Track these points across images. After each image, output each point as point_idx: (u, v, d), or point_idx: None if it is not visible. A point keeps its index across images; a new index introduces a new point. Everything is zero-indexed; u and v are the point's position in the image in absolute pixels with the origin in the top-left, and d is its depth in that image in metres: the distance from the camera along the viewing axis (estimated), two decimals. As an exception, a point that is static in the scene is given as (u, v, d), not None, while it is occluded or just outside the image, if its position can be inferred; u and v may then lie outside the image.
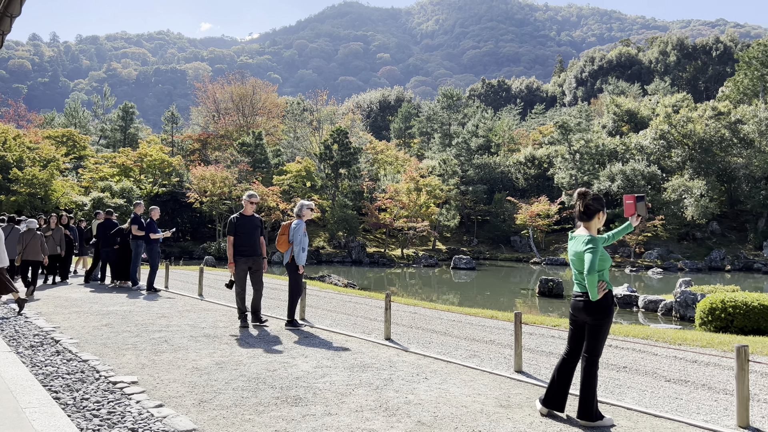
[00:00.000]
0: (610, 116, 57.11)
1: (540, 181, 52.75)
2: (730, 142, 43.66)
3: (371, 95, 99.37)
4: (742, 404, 4.48)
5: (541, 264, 40.41)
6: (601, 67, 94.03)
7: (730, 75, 66.31)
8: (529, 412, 4.77)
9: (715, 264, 37.29)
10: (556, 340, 7.98)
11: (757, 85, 54.64)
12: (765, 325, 9.01)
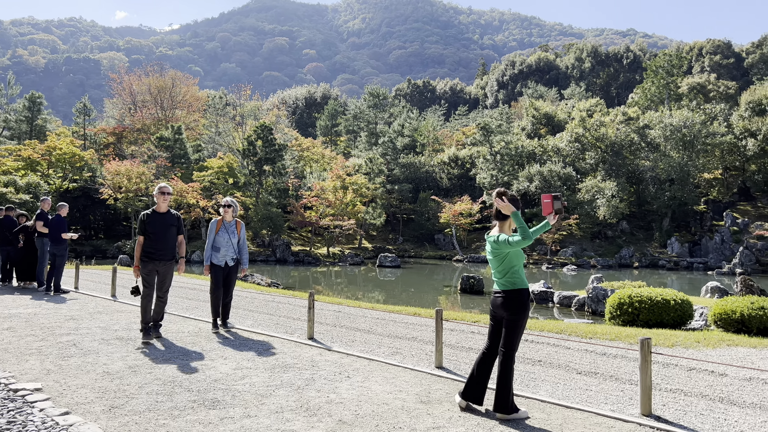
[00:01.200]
0: (529, 119, 59.23)
1: (463, 181, 53.98)
2: (639, 146, 46.32)
3: (297, 91, 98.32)
4: (645, 394, 4.75)
5: (464, 261, 41.38)
6: (521, 71, 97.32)
7: (639, 82, 70.32)
8: (448, 407, 4.86)
9: (625, 261, 39.47)
10: (475, 336, 8.18)
11: (662, 93, 58.30)
12: (667, 318, 9.62)
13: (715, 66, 78.49)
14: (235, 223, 8.26)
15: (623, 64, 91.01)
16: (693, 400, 5.21)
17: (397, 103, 78.07)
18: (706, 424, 4.58)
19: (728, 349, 7.40)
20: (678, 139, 44.14)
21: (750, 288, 14.56)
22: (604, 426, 4.50)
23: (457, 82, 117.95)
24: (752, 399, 5.24)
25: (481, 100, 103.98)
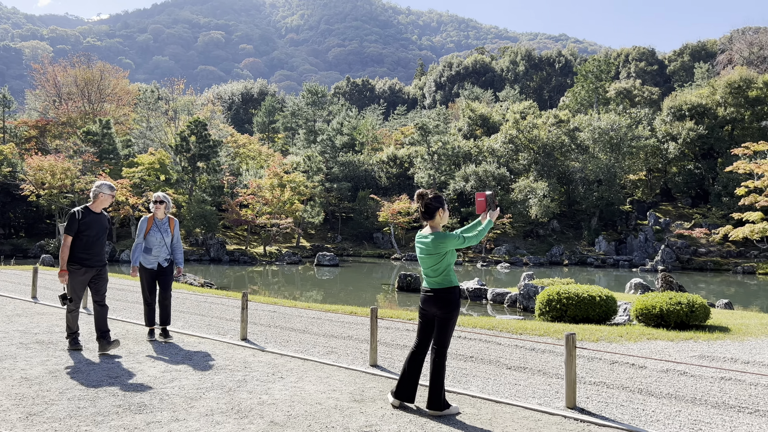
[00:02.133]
0: (465, 120, 60.34)
1: (401, 180, 54.42)
2: (569, 148, 48.03)
3: (233, 87, 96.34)
4: (570, 387, 4.94)
5: (402, 260, 41.74)
6: (458, 72, 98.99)
7: (570, 86, 72.93)
8: (381, 405, 4.89)
9: (555, 259, 40.86)
10: (410, 333, 8.27)
11: (592, 97, 60.67)
12: (593, 314, 10.04)
13: (640, 72, 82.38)
14: (167, 221, 7.50)
15: (555, 68, 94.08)
16: (615, 392, 5.45)
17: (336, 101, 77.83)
18: (625, 415, 4.81)
19: (648, 342, 7.79)
20: (606, 142, 46.05)
21: (669, 284, 15.36)
22: (531, 419, 4.64)
23: (396, 81, 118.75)
24: (668, 390, 5.54)
25: (420, 101, 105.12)
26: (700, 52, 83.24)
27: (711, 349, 7.41)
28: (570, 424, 4.57)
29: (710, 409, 5.00)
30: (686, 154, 47.56)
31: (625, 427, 4.51)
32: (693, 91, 53.74)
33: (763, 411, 4.94)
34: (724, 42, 79.09)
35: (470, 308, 16.63)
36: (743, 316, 11.29)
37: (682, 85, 72.01)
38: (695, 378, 5.96)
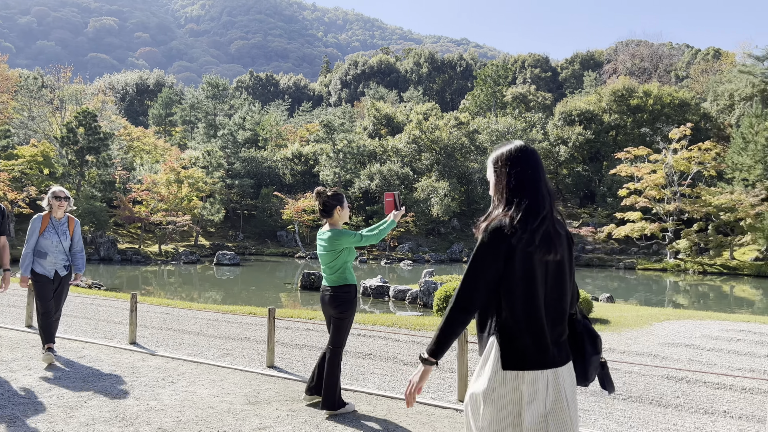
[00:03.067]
0: (370, 119, 60.82)
1: (306, 177, 53.95)
2: (469, 149, 49.71)
3: (127, 76, 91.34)
4: (462, 381, 5.10)
5: (306, 258, 41.41)
6: (363, 71, 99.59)
7: (471, 89, 75.46)
8: (277, 406, 4.82)
9: (455, 256, 42.15)
10: (310, 333, 8.21)
11: (490, 101, 63.09)
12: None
13: (535, 78, 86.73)
14: (67, 221, 6.31)
15: (457, 72, 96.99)
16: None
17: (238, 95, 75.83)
18: (513, 405, 5.03)
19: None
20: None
21: (558, 279, 16.30)
22: (424, 414, 4.75)
23: (301, 77, 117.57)
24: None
25: (325, 98, 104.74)
26: (589, 61, 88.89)
27: (592, 340, 7.92)
28: (461, 416, 4.72)
29: (589, 396, 5.34)
30: (575, 157, 50.61)
31: (512, 417, 4.72)
32: (582, 98, 57.30)
33: (636, 397, 5.35)
34: (610, 53, 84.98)
35: (373, 305, 16.79)
36: (622, 309, 12.18)
37: (572, 92, 76.57)
38: (577, 368, 6.34)
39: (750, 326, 9.58)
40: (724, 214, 34.05)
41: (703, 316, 10.99)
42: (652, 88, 50.03)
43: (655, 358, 6.87)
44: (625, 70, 72.56)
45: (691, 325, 9.62)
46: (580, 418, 4.73)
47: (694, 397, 5.35)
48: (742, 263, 32.75)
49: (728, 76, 56.14)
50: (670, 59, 77.01)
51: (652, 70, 73.67)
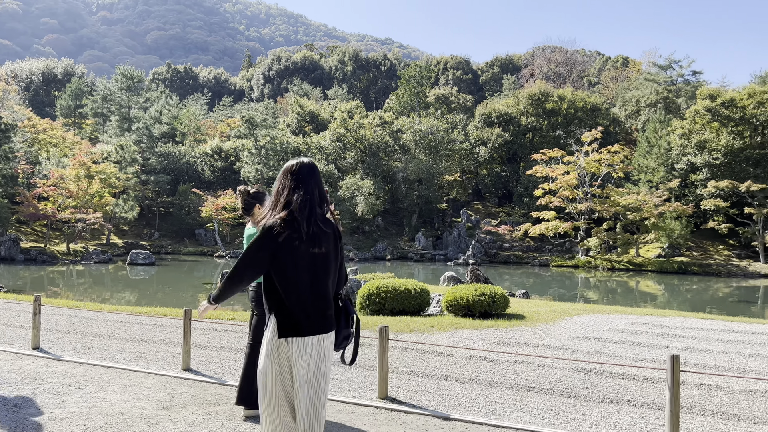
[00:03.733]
0: (294, 116, 60.10)
1: (227, 174, 52.59)
2: (393, 148, 50.13)
3: (32, 64, 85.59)
4: (383, 378, 5.13)
5: (226, 257, 40.40)
6: (287, 67, 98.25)
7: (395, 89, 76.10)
8: (192, 410, 4.66)
9: (379, 254, 42.43)
10: (229, 334, 8.01)
11: (414, 101, 63.91)
12: (409, 306, 10.58)
13: (457, 80, 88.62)
14: None
15: (381, 71, 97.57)
16: (424, 380, 5.78)
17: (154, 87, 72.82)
18: (432, 401, 5.12)
19: (456, 331, 8.39)
20: (425, 144, 48.83)
21: (477, 276, 16.71)
22: (345, 412, 4.74)
23: (221, 71, 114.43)
24: (471, 375, 6.01)
25: (247, 93, 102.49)
26: (508, 65, 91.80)
27: (508, 335, 8.20)
28: (381, 414, 4.75)
29: (504, 390, 5.52)
30: (495, 158, 52.16)
31: (430, 412, 4.80)
32: (501, 101, 59.10)
33: (548, 389, 5.58)
34: (528, 57, 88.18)
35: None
36: (537, 305, 12.67)
37: (492, 95, 78.83)
38: (494, 362, 6.54)
39: (652, 319, 10.21)
40: (631, 213, 36.15)
41: (610, 310, 11.61)
42: (566, 92, 52.32)
43: (566, 351, 7.19)
44: (542, 75, 75.56)
45: (600, 319, 10.14)
46: (496, 412, 4.87)
47: (601, 387, 5.64)
48: (647, 260, 34.90)
49: (635, 83, 59.64)
50: (583, 65, 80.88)
51: (566, 76, 77.09)
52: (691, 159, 37.77)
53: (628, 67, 75.44)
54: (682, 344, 7.84)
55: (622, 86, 61.89)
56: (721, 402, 5.25)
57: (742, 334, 8.82)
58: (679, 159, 38.57)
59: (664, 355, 7.07)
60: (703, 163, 36.95)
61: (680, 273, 32.86)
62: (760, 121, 36.43)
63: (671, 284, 28.09)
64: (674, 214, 34.75)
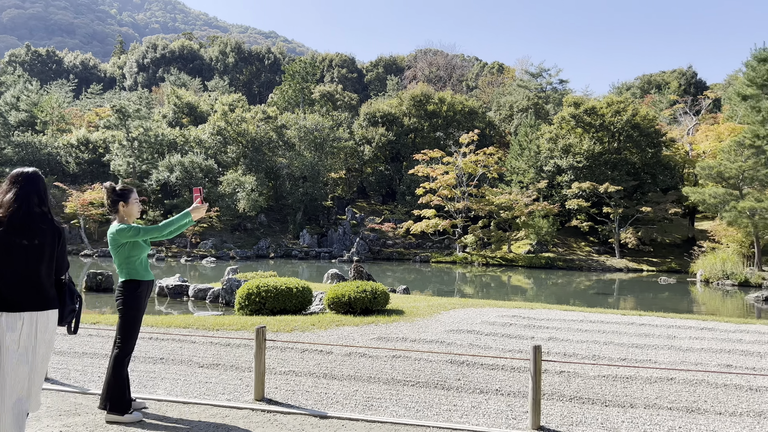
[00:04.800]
0: (171, 107, 57.29)
1: (95, 167, 49.04)
2: (277, 144, 49.32)
3: None
4: (259, 379, 5.02)
5: (93, 256, 37.69)
6: (164, 56, 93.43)
7: (279, 84, 74.90)
8: (48, 423, 4.30)
9: (262, 252, 41.58)
10: (93, 339, 7.47)
11: (298, 96, 63.29)
12: (290, 305, 10.45)
13: (342, 78, 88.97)
14: None
15: (265, 65, 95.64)
16: (303, 379, 5.74)
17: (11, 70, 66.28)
18: (310, 400, 5.09)
19: (337, 329, 8.42)
20: (310, 141, 48.56)
21: (360, 273, 16.87)
22: (219, 416, 4.59)
23: (90, 56, 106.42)
24: (349, 372, 6.05)
25: (119, 81, 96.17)
26: (391, 65, 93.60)
27: (388, 330, 8.36)
28: (257, 416, 4.65)
29: (382, 385, 5.61)
30: (379, 156, 53.00)
31: (307, 411, 4.77)
32: (385, 101, 60.15)
33: (423, 382, 5.75)
34: (411, 59, 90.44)
35: (170, 306, 15.84)
36: (416, 300, 13.03)
37: (377, 94, 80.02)
38: (372, 358, 6.63)
39: (521, 312, 10.86)
40: (504, 212, 38.27)
41: (483, 304, 12.20)
42: (446, 95, 54.29)
43: (441, 344, 7.46)
44: (424, 77, 77.85)
45: (474, 312, 10.63)
46: (373, 407, 4.94)
47: (472, 378, 5.91)
48: (518, 256, 37.12)
49: (509, 89, 63.19)
50: (462, 70, 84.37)
51: (446, 79, 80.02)
52: (557, 162, 40.63)
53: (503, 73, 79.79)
54: (546, 335, 8.41)
55: (498, 91, 65.32)
56: (578, 387, 5.69)
57: (598, 324, 9.63)
58: (547, 162, 41.36)
59: (529, 346, 7.54)
60: (568, 165, 39.90)
61: (547, 268, 35.30)
62: (617, 128, 39.98)
63: (539, 278, 30.09)
64: (542, 212, 37.26)
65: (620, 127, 39.78)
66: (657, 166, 39.43)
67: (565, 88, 63.68)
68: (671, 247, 37.67)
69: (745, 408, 5.18)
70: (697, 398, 5.43)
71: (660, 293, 23.23)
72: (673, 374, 6.18)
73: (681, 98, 53.36)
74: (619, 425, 4.68)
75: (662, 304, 18.64)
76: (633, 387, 5.75)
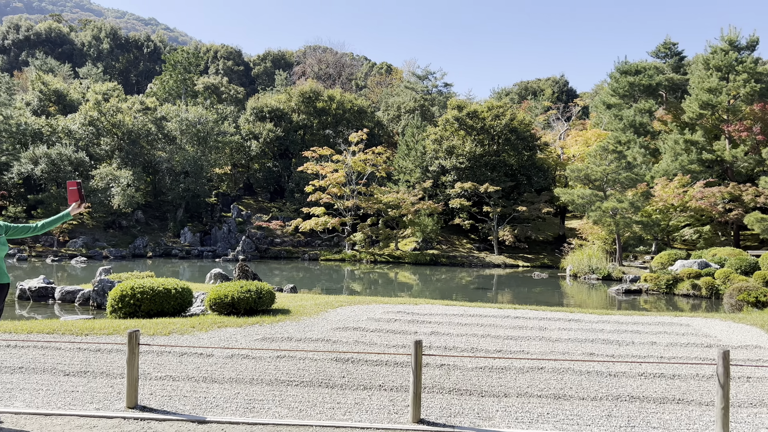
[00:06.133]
0: (36, 94, 52.60)
1: (-56, 157, 43.90)
2: (156, 137, 46.80)
3: None
4: (132, 386, 4.74)
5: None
6: (28, 38, 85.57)
7: (159, 74, 71.16)
8: None
9: (139, 251, 39.31)
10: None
11: (180, 88, 60.50)
12: (168, 307, 9.95)
13: (228, 70, 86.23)
14: None
15: (144, 53, 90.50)
16: (180, 384, 5.48)
17: None
18: (187, 405, 4.87)
19: (218, 330, 8.14)
20: (193, 134, 46.60)
21: (245, 273, 16.44)
22: (86, 427, 4.28)
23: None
24: (231, 374, 5.87)
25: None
26: (280, 60, 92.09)
27: (273, 331, 8.21)
28: (129, 424, 4.38)
29: (265, 386, 5.50)
30: (267, 152, 51.96)
31: (184, 417, 4.56)
32: (273, 96, 59.05)
33: (307, 381, 5.70)
34: (300, 55, 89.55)
35: (33, 310, 14.54)
36: (303, 299, 12.92)
37: (265, 89, 78.36)
38: (256, 360, 6.48)
39: (406, 308, 11.11)
40: (392, 210, 38.99)
41: (370, 301, 12.35)
42: (335, 93, 54.33)
43: (327, 342, 7.45)
44: (313, 74, 77.40)
45: (360, 309, 10.72)
46: (255, 409, 4.82)
47: (357, 375, 5.95)
48: (404, 253, 37.98)
49: (397, 90, 64.43)
50: (351, 69, 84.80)
51: (336, 77, 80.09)
52: (442, 162, 42.03)
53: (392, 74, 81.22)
54: (429, 329, 8.67)
55: (386, 92, 66.40)
56: (457, 380, 5.91)
57: (477, 317, 10.07)
58: (432, 162, 42.66)
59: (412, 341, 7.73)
60: (452, 166, 41.40)
61: (432, 264, 36.43)
62: (497, 132, 42.03)
63: (424, 274, 30.98)
64: (428, 211, 38.41)
65: (499, 131, 41.87)
66: (532, 168, 41.94)
67: (449, 92, 66.01)
68: (544, 244, 40.27)
69: (605, 392, 5.64)
70: (563, 385, 5.83)
71: (534, 287, 24.76)
72: (543, 364, 6.59)
73: (554, 105, 57.24)
74: (493, 414, 4.92)
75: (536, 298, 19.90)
76: (507, 377, 6.07)
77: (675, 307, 17.62)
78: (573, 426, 4.73)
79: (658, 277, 21.44)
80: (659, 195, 31.45)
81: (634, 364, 6.58)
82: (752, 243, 33.57)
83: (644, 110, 39.76)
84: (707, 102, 34.31)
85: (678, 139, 35.40)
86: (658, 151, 38.17)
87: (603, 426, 4.75)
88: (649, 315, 11.38)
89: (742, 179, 34.53)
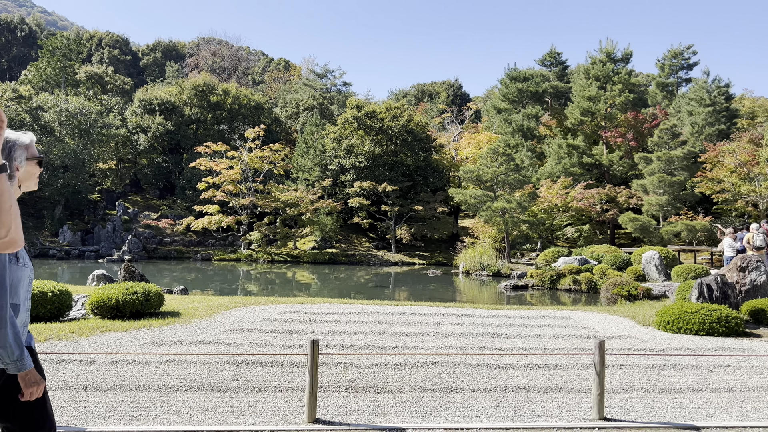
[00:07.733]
0: None
1: None
2: (31, 128, 43.21)
3: None
4: None
5: None
6: None
7: (35, 60, 65.78)
8: None
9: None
10: None
11: (59, 76, 56.26)
12: (44, 311, 9.20)
13: (113, 59, 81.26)
14: None
15: (17, 36, 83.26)
16: (57, 394, 5.09)
17: None
18: (65, 416, 4.53)
19: (102, 335, 7.64)
20: (74, 126, 43.50)
21: (132, 274, 15.56)
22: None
23: None
24: (115, 381, 5.53)
25: None
26: (171, 51, 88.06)
27: (161, 334, 7.83)
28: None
29: (152, 392, 5.23)
30: (156, 147, 49.55)
31: (61, 429, 4.23)
32: (164, 88, 56.37)
33: (198, 386, 5.48)
34: (192, 47, 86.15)
35: None
36: (195, 300, 12.44)
37: (154, 80, 74.63)
38: (143, 365, 6.15)
39: (303, 307, 11.01)
40: (290, 209, 38.51)
41: (266, 301, 12.12)
42: (231, 87, 52.80)
43: (220, 345, 7.21)
44: (207, 67, 74.77)
45: (256, 310, 10.49)
46: (141, 417, 4.58)
47: (251, 377, 5.81)
48: (303, 252, 37.65)
49: (296, 87, 63.75)
50: (247, 63, 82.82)
51: (231, 71, 77.87)
52: (341, 161, 42.11)
53: (290, 70, 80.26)
54: (327, 328, 8.64)
55: (284, 88, 65.51)
56: (353, 377, 5.93)
57: (374, 315, 10.17)
58: (331, 161, 42.62)
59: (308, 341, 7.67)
60: (351, 165, 41.58)
61: (331, 263, 36.40)
62: (394, 132, 42.73)
63: (323, 273, 30.89)
64: (327, 210, 38.32)
65: (397, 131, 42.60)
66: (428, 169, 43.05)
67: (348, 91, 66.25)
68: (439, 242, 41.50)
69: (494, 384, 5.89)
70: (456, 379, 6.02)
71: (429, 284, 25.44)
72: (436, 358, 6.78)
73: (449, 108, 59.14)
74: (389, 410, 4.98)
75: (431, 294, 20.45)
76: (402, 373, 6.18)
77: (558, 302, 18.77)
78: (464, 418, 4.90)
79: (543, 273, 22.73)
80: (544, 196, 33.38)
81: (521, 356, 6.92)
82: (626, 241, 36.50)
83: (531, 115, 42.05)
84: (587, 109, 36.89)
85: (561, 143, 37.79)
86: (543, 155, 40.52)
87: (491, 416, 4.95)
88: (535, 309, 12.05)
89: (617, 182, 37.48)
